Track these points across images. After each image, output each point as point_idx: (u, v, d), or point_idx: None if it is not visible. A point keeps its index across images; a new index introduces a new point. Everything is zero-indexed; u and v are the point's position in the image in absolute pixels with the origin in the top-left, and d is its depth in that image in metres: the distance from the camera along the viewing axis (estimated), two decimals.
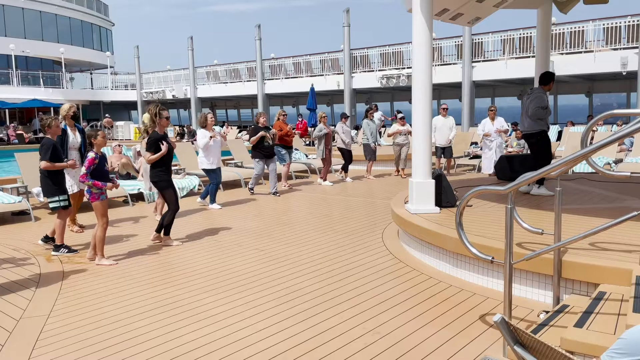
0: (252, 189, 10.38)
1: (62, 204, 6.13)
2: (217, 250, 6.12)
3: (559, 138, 16.39)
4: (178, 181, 10.24)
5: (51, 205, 6.15)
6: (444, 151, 12.19)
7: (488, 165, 11.11)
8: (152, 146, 6.37)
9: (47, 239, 6.42)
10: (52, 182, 6.06)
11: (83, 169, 5.59)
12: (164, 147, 6.38)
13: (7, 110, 30.84)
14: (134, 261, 5.76)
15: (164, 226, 6.51)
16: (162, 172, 6.43)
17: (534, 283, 4.24)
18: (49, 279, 5.16)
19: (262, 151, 10.04)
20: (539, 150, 6.81)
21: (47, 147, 6.00)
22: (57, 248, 6.14)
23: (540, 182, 6.89)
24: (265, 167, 10.30)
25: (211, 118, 9.00)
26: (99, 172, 5.64)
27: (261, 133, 9.96)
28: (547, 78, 6.91)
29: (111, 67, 38.25)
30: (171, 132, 26.89)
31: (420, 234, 5.44)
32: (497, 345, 3.48)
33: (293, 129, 21.82)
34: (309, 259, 5.67)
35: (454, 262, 4.99)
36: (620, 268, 3.69)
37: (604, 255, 3.97)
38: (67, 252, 6.09)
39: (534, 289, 4.25)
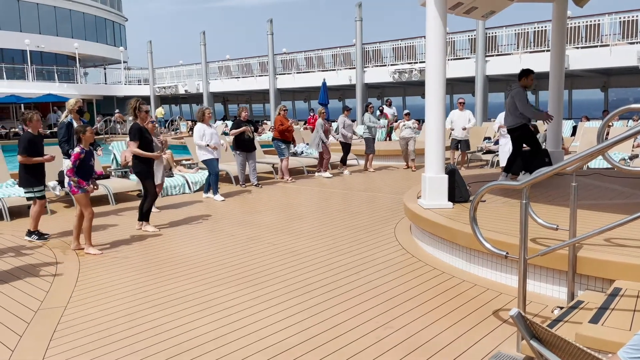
0: (243, 183, 10.64)
1: (36, 194, 6.37)
2: (229, 244, 6.15)
3: (573, 133, 16.20)
4: (191, 175, 10.32)
5: (27, 195, 6.44)
6: (460, 144, 12.18)
7: (504, 158, 11.00)
8: (136, 135, 6.73)
9: (31, 233, 6.53)
10: (29, 174, 6.31)
11: (69, 163, 5.71)
12: (157, 152, 7.08)
13: (22, 105, 31.19)
14: (147, 254, 5.82)
15: (144, 212, 6.92)
16: (142, 163, 6.81)
17: (548, 279, 4.21)
18: (66, 271, 5.23)
19: (241, 144, 10.31)
20: (526, 143, 7.09)
21: (24, 141, 6.22)
22: (29, 234, 6.42)
23: (507, 171, 7.26)
24: (246, 159, 10.51)
25: (209, 113, 9.26)
26: (83, 167, 5.79)
27: (244, 128, 10.24)
28: (521, 74, 7.06)
29: (124, 62, 38.49)
30: (184, 127, 27.04)
31: (433, 229, 5.42)
32: (510, 340, 3.47)
33: (305, 122, 21.88)
34: (321, 252, 5.68)
35: (467, 257, 4.98)
36: (636, 264, 3.65)
37: (620, 251, 3.94)
38: (37, 239, 6.37)
39: (548, 285, 4.23)
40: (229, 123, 27.28)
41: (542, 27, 19.23)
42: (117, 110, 31.68)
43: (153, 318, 3.99)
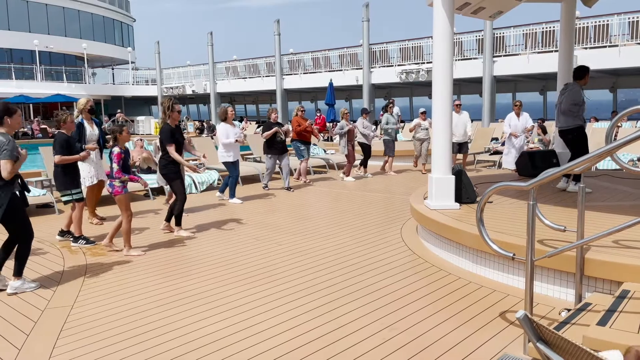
0: (266, 185, 10.40)
1: (74, 197, 6.31)
2: (236, 244, 6.16)
3: None
4: (198, 176, 10.33)
5: (64, 198, 6.37)
6: (460, 147, 12.09)
7: (509, 161, 10.98)
8: (169, 137, 6.54)
9: (63, 233, 6.58)
10: (66, 176, 6.24)
11: (115, 166, 5.70)
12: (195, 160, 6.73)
13: (31, 105, 31.46)
14: (155, 253, 5.84)
15: (175, 217, 6.74)
16: (171, 165, 6.64)
17: (556, 281, 4.19)
18: (73, 271, 5.26)
19: (274, 147, 10.05)
20: (575, 146, 6.57)
21: (61, 141, 6.16)
22: (75, 239, 6.32)
23: (577, 178, 6.64)
24: (278, 162, 10.26)
25: (231, 111, 9.12)
26: (123, 166, 5.77)
27: (275, 129, 9.95)
28: (581, 72, 6.70)
29: (132, 62, 38.69)
30: (191, 127, 27.12)
31: (439, 230, 5.40)
32: (517, 342, 3.45)
33: (312, 124, 21.88)
34: (328, 253, 5.68)
35: (473, 259, 4.96)
36: None
37: (628, 253, 3.91)
38: (85, 244, 6.25)
39: (555, 287, 4.20)
40: (237, 123, 27.36)
41: (550, 27, 19.14)
42: (118, 110, 31.85)
43: (160, 317, 4.00)
